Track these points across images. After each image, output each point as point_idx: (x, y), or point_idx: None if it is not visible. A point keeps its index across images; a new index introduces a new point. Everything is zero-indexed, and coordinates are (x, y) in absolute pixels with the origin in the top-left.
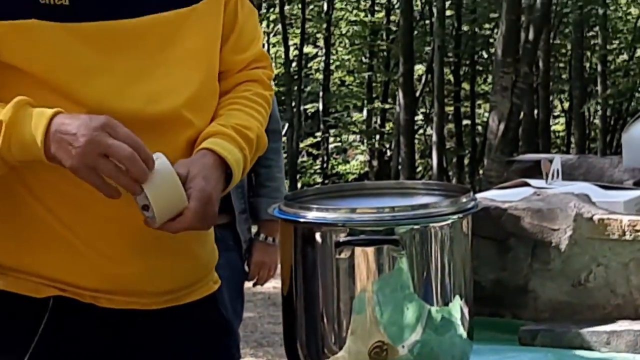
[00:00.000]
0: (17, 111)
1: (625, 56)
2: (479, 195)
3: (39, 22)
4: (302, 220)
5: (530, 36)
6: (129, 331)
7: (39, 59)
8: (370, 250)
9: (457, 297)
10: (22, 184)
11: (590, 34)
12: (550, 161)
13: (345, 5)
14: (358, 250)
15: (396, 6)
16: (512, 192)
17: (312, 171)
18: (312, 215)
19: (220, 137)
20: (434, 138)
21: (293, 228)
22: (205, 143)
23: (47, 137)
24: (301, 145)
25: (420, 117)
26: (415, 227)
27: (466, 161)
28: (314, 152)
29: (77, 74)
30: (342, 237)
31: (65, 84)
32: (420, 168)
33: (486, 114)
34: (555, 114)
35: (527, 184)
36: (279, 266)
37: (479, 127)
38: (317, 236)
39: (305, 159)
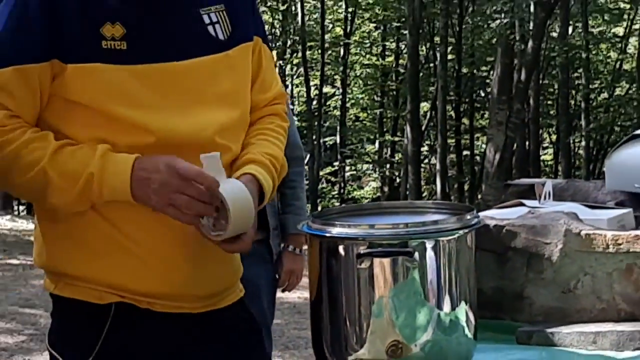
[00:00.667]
0: (104, 162)
1: (605, 94)
2: (482, 214)
3: (102, 65)
4: (327, 235)
5: (522, 77)
6: (178, 332)
7: (102, 96)
8: (386, 261)
9: (463, 302)
10: (91, 206)
11: (575, 74)
12: (543, 184)
13: (360, 50)
14: (376, 261)
15: (404, 51)
16: (510, 211)
17: (330, 196)
18: (336, 230)
19: (260, 165)
20: (438, 167)
21: (319, 242)
22: (248, 169)
23: (132, 184)
24: (321, 173)
25: (426, 148)
26: (426, 240)
27: (466, 187)
28: (332, 179)
29: (135, 107)
30: (362, 250)
31: (123, 116)
32: (425, 193)
33: (484, 146)
34: (545, 145)
35: (523, 204)
36: (304, 274)
37: (477, 157)
38: (341, 249)
39: (324, 185)
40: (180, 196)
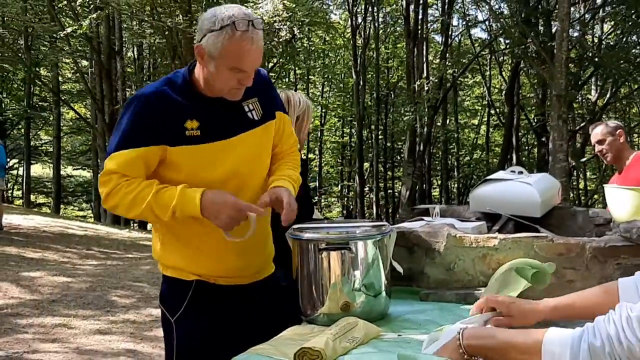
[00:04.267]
0: (181, 197)
1: (468, 157)
2: (399, 225)
3: (185, 147)
4: (302, 238)
5: (421, 148)
6: (233, 297)
7: (185, 166)
8: (337, 253)
9: (384, 277)
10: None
11: (451, 146)
12: (434, 208)
13: (329, 133)
14: (332, 253)
15: (354, 134)
16: (415, 223)
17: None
18: (307, 236)
19: (285, 181)
20: (373, 199)
21: (298, 243)
22: (278, 182)
23: (202, 211)
24: None
25: (367, 189)
26: (360, 241)
27: (390, 211)
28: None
29: (207, 168)
30: (322, 246)
31: (199, 176)
32: (367, 215)
33: (399, 187)
34: (434, 186)
35: (422, 219)
36: None
37: (396, 193)
38: (310, 246)
39: None
40: (232, 221)
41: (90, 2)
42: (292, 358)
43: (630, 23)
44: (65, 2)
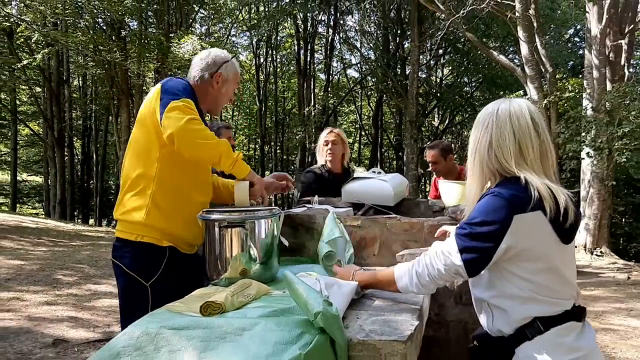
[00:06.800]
0: (238, 160)
1: None
2: (286, 210)
3: None
4: (209, 219)
5: (309, 159)
6: (192, 264)
7: None
8: (235, 230)
9: (276, 248)
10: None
11: None
12: (314, 198)
13: None
14: (232, 230)
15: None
16: (299, 209)
17: None
18: (214, 217)
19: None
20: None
21: (206, 222)
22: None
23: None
24: None
25: None
26: (255, 221)
27: (286, 208)
28: None
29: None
30: (224, 224)
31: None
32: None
33: (293, 190)
34: None
35: (305, 206)
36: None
37: (290, 195)
38: (215, 225)
39: None
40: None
41: (43, 40)
42: (198, 310)
43: (462, 68)
44: (22, 39)
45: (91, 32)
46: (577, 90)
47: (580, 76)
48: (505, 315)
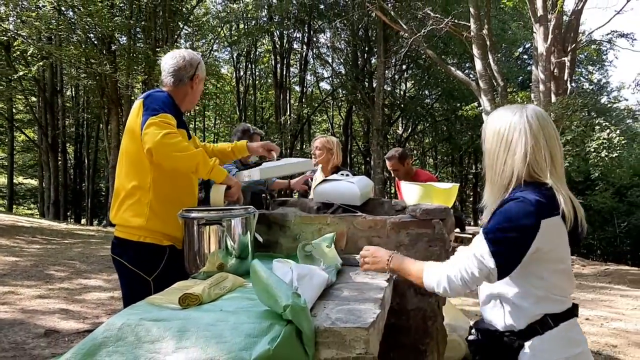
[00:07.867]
0: (214, 167)
1: None
2: (260, 211)
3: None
4: (189, 217)
5: None
6: (177, 258)
7: None
8: (213, 227)
9: (250, 244)
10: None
11: None
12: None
13: None
14: (210, 228)
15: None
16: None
17: None
18: (193, 215)
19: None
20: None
21: (185, 220)
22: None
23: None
24: None
25: None
26: (228, 219)
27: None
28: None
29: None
30: (202, 222)
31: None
32: None
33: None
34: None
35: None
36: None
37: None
38: (194, 222)
39: None
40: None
41: (38, 53)
42: (177, 302)
43: (423, 82)
44: (18, 53)
45: (83, 46)
46: (525, 102)
47: (529, 90)
48: (520, 312)
